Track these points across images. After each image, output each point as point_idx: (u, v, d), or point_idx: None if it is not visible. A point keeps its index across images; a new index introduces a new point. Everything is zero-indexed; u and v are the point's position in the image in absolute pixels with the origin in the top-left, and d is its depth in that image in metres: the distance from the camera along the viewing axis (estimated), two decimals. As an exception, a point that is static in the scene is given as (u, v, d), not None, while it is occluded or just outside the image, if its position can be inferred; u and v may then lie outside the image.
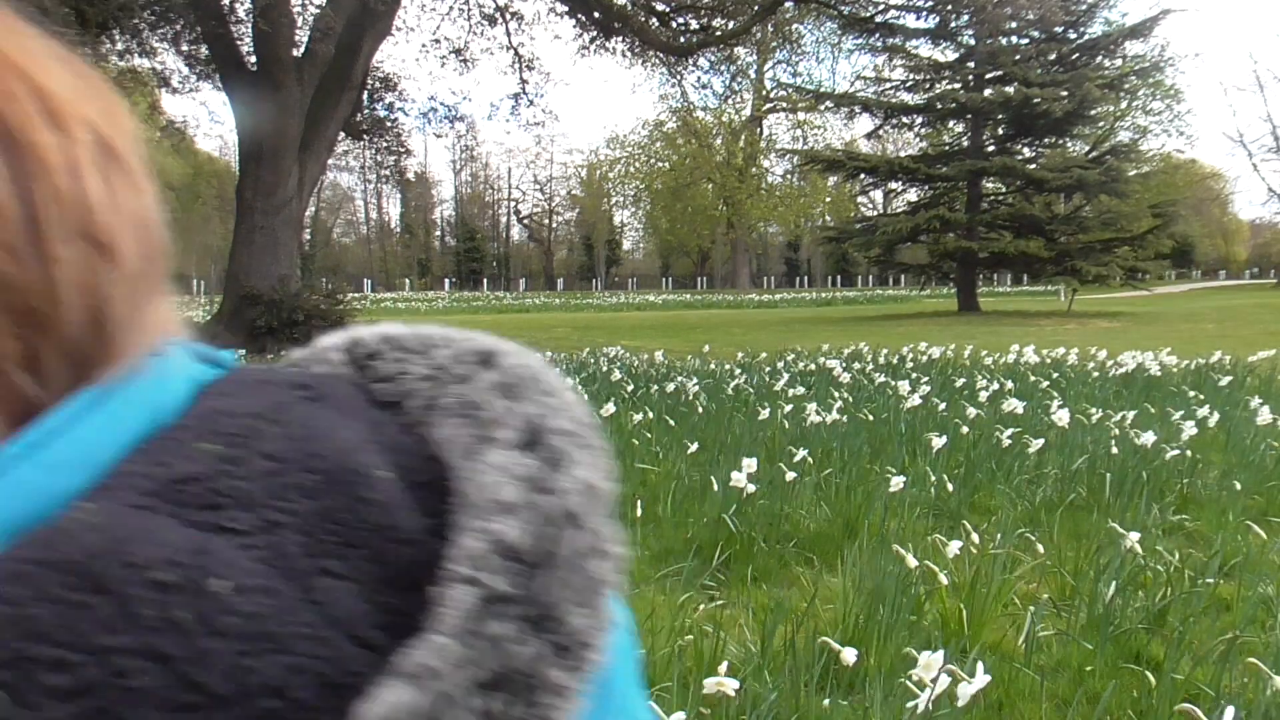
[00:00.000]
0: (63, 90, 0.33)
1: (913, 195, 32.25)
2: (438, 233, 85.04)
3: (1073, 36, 28.15)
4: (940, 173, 27.61)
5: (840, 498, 4.52)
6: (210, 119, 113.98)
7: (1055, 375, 9.11)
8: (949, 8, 27.59)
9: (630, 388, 8.02)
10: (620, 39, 19.12)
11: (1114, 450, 5.18)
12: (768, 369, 9.88)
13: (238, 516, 0.29)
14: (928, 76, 29.10)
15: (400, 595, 0.30)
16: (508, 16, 19.37)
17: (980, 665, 2.00)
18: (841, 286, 65.82)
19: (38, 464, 0.29)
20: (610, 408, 6.21)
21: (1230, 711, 1.53)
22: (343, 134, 17.67)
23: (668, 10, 19.43)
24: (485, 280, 74.87)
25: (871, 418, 6.30)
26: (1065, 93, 25.31)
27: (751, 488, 4.01)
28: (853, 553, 3.67)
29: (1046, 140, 28.79)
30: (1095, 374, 9.20)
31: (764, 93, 46.85)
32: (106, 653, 0.25)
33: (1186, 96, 63.64)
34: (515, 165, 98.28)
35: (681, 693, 2.40)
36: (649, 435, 5.96)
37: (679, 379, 8.40)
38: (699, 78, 25.91)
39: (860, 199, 53.86)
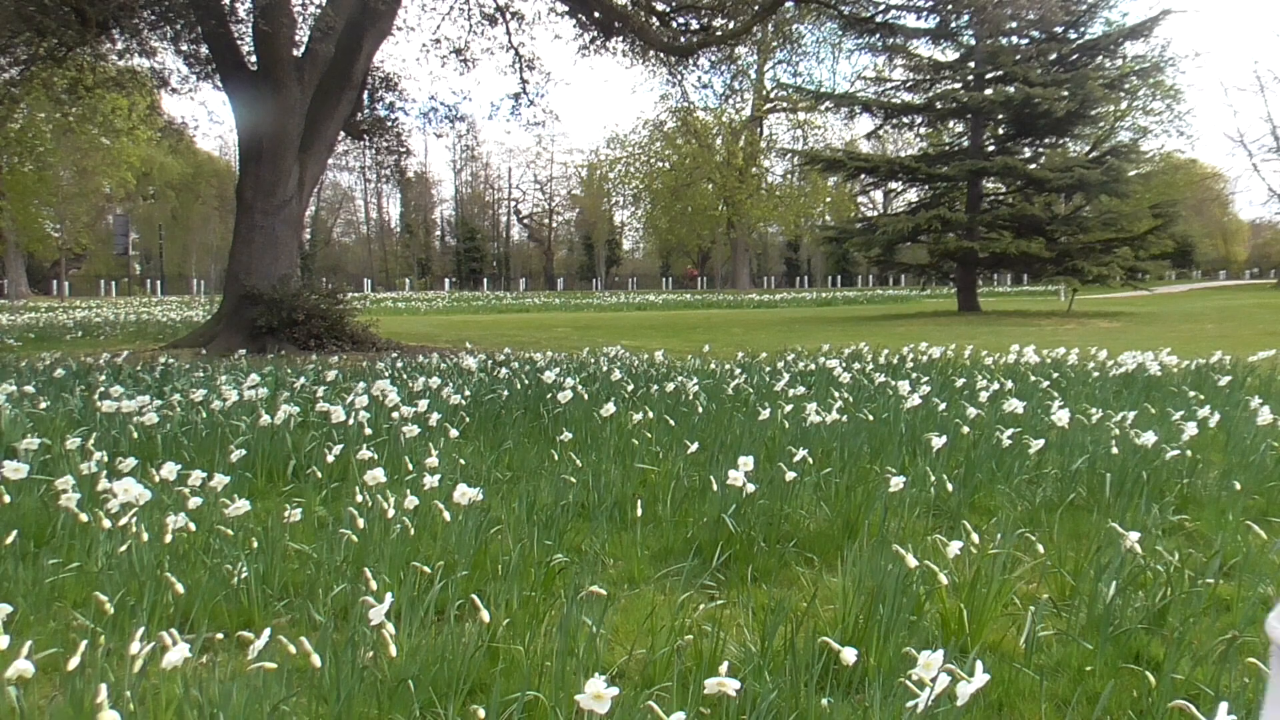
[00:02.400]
0: None
1: (913, 195, 32.25)
2: (438, 232, 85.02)
3: (1073, 36, 28.13)
4: (940, 172, 27.60)
5: (840, 497, 4.52)
6: (210, 119, 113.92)
7: (1055, 375, 9.11)
8: (949, 8, 27.56)
9: (630, 388, 8.02)
10: (620, 39, 19.10)
11: (1114, 450, 5.17)
12: (768, 369, 9.87)
13: None
14: (928, 76, 29.08)
15: None
16: (508, 16, 19.36)
17: (979, 665, 2.00)
18: (841, 286, 65.81)
19: None
20: (610, 408, 6.21)
21: (1224, 707, 1.53)
22: (343, 134, 17.65)
23: (668, 10, 19.42)
24: (485, 280, 74.86)
25: (871, 418, 6.30)
26: (1066, 92, 25.30)
27: (751, 487, 4.01)
28: (852, 552, 3.66)
29: (1047, 140, 28.78)
30: (1095, 374, 9.20)
31: (764, 93, 46.87)
32: None
33: (1186, 96, 63.59)
34: (515, 165, 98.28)
35: (681, 693, 2.40)
36: (649, 435, 5.96)
37: (679, 379, 8.40)
38: (699, 78, 25.97)
39: (860, 199, 53.97)
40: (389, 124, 19.11)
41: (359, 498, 4.01)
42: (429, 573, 3.12)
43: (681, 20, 19.58)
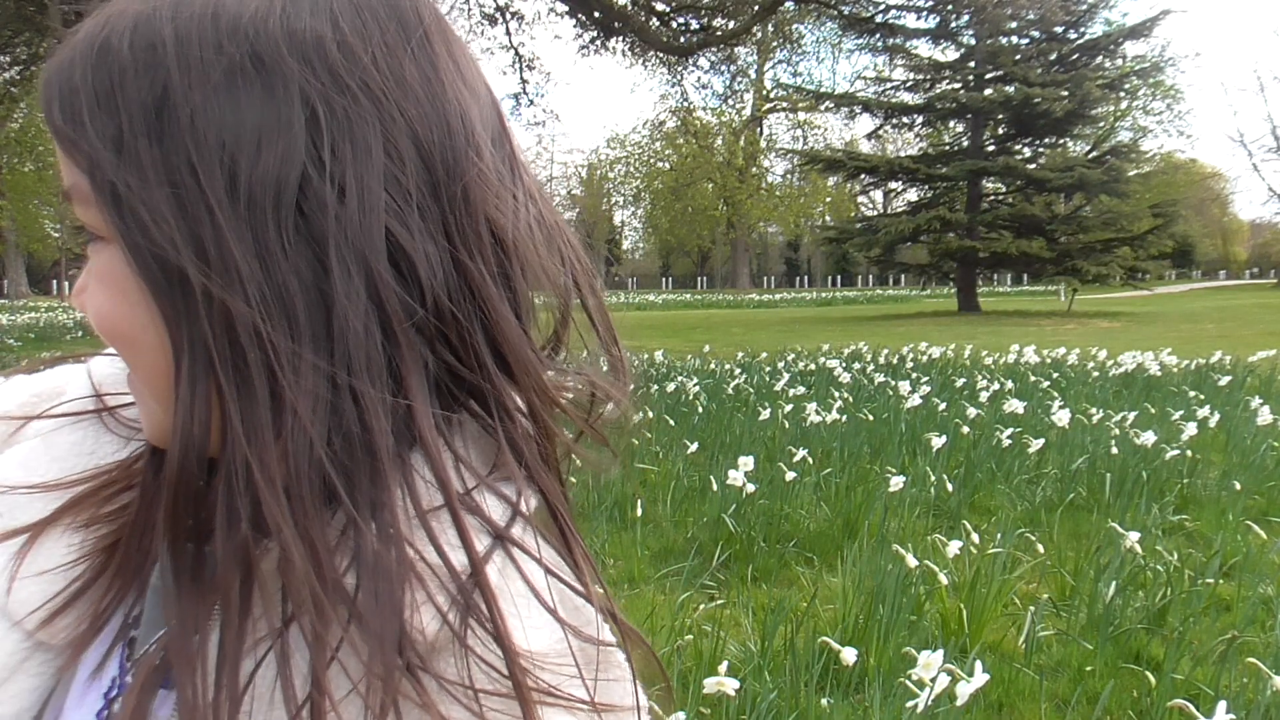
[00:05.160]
0: None
1: (913, 195, 32.23)
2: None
3: (1073, 36, 28.14)
4: (940, 173, 27.59)
5: (840, 497, 4.52)
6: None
7: (1055, 375, 9.11)
8: (949, 8, 27.57)
9: (630, 388, 8.02)
10: (620, 39, 19.10)
11: (1114, 450, 5.17)
12: (768, 369, 9.87)
13: None
14: (928, 76, 29.09)
15: None
16: (508, 16, 19.36)
17: (979, 664, 2.00)
18: (841, 286, 65.81)
19: None
20: (610, 407, 6.20)
21: (1223, 705, 1.52)
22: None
23: (668, 10, 19.41)
24: (485, 280, 74.67)
25: (871, 418, 6.29)
26: (1065, 93, 25.30)
27: (751, 487, 4.01)
28: (852, 552, 3.66)
29: (1047, 140, 28.77)
30: (1095, 374, 9.20)
31: (764, 93, 46.83)
32: None
33: (1186, 96, 63.70)
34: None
35: (681, 693, 2.40)
36: (649, 435, 5.96)
37: (679, 379, 8.40)
38: (699, 78, 25.97)
39: (860, 199, 53.87)
40: (389, 123, 19.08)
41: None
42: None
43: (681, 20, 19.57)
